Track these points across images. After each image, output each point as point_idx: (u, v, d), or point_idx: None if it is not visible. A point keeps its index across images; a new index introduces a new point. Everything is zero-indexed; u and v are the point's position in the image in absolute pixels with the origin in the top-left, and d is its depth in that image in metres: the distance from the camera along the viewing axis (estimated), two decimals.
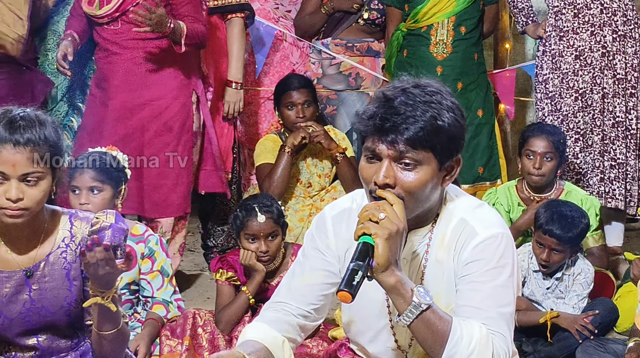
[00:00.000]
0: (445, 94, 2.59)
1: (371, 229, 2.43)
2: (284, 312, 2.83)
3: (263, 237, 4.25)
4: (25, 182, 2.77)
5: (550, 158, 4.92)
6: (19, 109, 2.83)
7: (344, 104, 5.91)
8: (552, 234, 4.36)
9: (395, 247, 2.44)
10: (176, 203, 5.09)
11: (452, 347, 2.49)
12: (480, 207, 2.74)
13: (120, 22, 4.91)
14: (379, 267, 2.44)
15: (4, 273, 2.88)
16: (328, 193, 5.36)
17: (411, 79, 2.65)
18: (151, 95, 4.97)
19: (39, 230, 2.91)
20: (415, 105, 2.52)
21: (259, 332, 2.76)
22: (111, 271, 2.78)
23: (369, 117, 2.56)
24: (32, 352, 2.96)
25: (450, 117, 2.55)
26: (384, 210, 2.45)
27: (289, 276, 2.91)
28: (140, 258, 4.25)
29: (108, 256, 2.75)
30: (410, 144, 2.51)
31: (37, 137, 2.76)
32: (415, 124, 2.50)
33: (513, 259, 2.66)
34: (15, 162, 2.74)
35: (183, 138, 5.07)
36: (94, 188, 4.12)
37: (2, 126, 2.75)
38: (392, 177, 2.53)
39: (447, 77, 5.50)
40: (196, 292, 5.41)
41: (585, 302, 4.49)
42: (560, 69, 5.43)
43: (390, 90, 2.59)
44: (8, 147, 2.73)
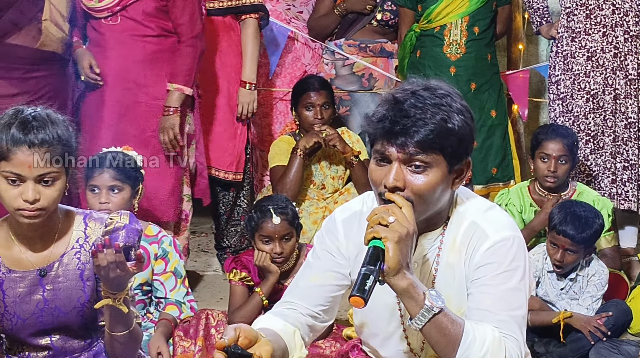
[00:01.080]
0: (454, 97, 2.58)
1: (381, 233, 2.43)
2: (292, 310, 2.83)
3: (278, 238, 4.26)
4: (41, 183, 2.78)
5: (565, 161, 4.92)
6: (29, 108, 2.83)
7: (357, 104, 5.91)
8: (565, 234, 4.36)
9: (405, 250, 2.44)
10: (173, 208, 5.02)
11: (465, 350, 2.49)
12: (491, 210, 2.73)
13: (119, 16, 4.83)
14: (390, 271, 2.43)
15: (18, 273, 2.90)
16: (341, 195, 5.36)
17: (421, 81, 2.64)
18: (147, 95, 4.88)
19: (53, 230, 2.93)
20: (424, 107, 2.51)
21: (270, 322, 2.75)
22: (122, 274, 2.79)
23: (379, 120, 2.55)
24: (45, 351, 2.97)
25: (460, 120, 2.54)
26: (393, 213, 2.44)
27: (299, 277, 2.91)
28: (153, 259, 4.27)
29: (119, 258, 2.76)
30: (420, 147, 2.50)
31: (51, 137, 2.78)
32: (425, 126, 2.49)
33: (524, 262, 2.65)
34: (31, 163, 2.75)
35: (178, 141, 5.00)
36: (114, 188, 4.15)
37: (15, 127, 2.76)
38: (402, 180, 2.53)
39: (460, 78, 5.51)
40: (209, 293, 5.41)
41: (599, 303, 4.49)
42: (572, 70, 5.42)
43: (400, 92, 2.58)
44: (23, 148, 2.74)
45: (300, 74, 5.95)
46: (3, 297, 2.89)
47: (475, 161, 5.47)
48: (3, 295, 2.89)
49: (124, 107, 4.87)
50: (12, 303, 2.89)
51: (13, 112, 2.83)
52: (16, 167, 2.75)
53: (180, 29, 4.90)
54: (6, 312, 2.90)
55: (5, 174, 2.77)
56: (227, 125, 5.51)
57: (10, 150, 2.74)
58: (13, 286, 2.89)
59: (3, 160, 2.76)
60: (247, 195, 5.82)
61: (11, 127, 2.76)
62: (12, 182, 2.77)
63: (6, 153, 2.75)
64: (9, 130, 2.76)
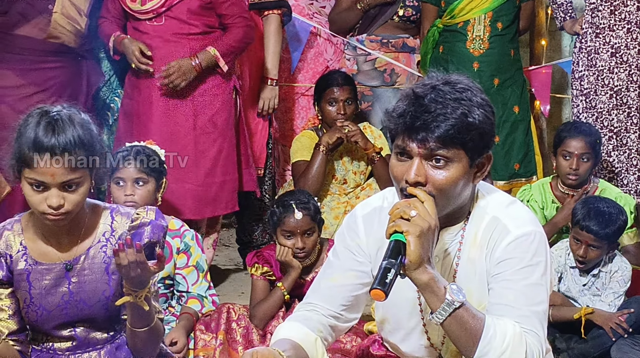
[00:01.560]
0: (475, 91, 2.58)
1: (402, 227, 2.43)
2: (314, 312, 2.84)
3: (300, 233, 4.26)
4: (65, 188, 2.78)
5: (587, 159, 4.90)
6: (53, 110, 2.81)
7: (379, 100, 5.91)
8: (589, 230, 4.35)
9: (427, 244, 2.44)
10: (225, 201, 5.08)
11: (485, 345, 2.49)
12: (513, 205, 2.72)
13: (164, 17, 4.86)
14: (411, 265, 2.44)
15: (44, 266, 2.92)
16: (363, 190, 5.36)
17: (441, 75, 2.63)
18: (194, 91, 4.91)
19: (80, 224, 2.94)
20: (445, 102, 2.51)
21: (291, 330, 2.76)
22: (143, 273, 2.80)
23: (399, 115, 2.55)
24: (69, 342, 2.99)
25: (481, 114, 2.54)
26: (415, 207, 2.45)
27: (320, 276, 2.91)
28: (175, 253, 4.28)
29: (140, 258, 2.77)
30: (441, 142, 2.50)
31: (74, 143, 2.76)
32: (446, 121, 2.49)
33: (546, 257, 2.65)
34: (54, 172, 2.75)
35: (228, 134, 5.06)
36: (139, 180, 4.18)
37: (37, 133, 2.75)
38: (423, 175, 2.52)
39: (483, 73, 5.51)
40: (230, 287, 5.43)
41: (621, 299, 4.47)
42: (596, 66, 5.40)
43: (420, 87, 2.57)
44: (45, 157, 2.74)
45: (322, 70, 5.95)
46: (29, 288, 2.91)
47: (497, 157, 5.46)
48: (29, 287, 2.91)
49: (172, 105, 4.90)
50: (37, 295, 2.91)
51: (37, 114, 2.81)
52: (39, 175, 2.75)
53: (229, 19, 4.95)
54: (32, 303, 2.91)
55: (29, 181, 2.78)
56: (249, 121, 5.52)
57: (33, 159, 2.74)
58: (39, 278, 2.91)
59: (27, 167, 2.77)
60: (269, 189, 5.83)
61: (34, 133, 2.75)
62: (36, 188, 2.78)
63: (29, 161, 2.75)
64: (32, 137, 2.75)
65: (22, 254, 2.92)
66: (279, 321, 4.19)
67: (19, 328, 2.95)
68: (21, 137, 2.78)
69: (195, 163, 4.90)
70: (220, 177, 5.02)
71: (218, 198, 5.03)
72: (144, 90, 4.92)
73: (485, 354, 2.50)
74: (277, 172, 5.98)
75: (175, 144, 4.77)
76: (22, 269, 2.91)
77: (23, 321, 2.96)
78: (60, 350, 2.99)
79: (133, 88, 4.99)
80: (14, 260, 2.92)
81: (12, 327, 2.93)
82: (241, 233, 5.87)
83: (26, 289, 2.91)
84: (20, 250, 2.92)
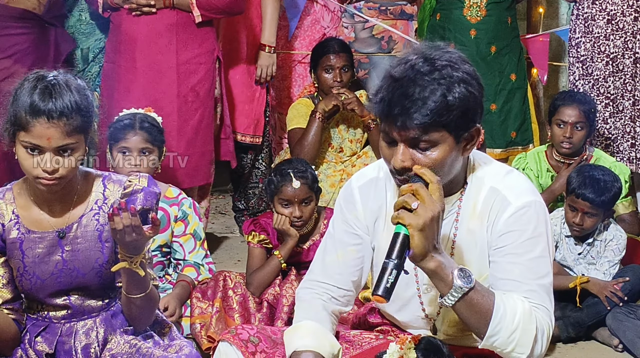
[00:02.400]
0: (457, 64, 2.50)
1: (405, 220, 2.40)
2: (326, 296, 2.86)
3: (297, 202, 4.27)
4: (60, 152, 2.78)
5: (581, 127, 4.91)
6: (50, 74, 2.82)
7: (375, 67, 5.89)
8: (585, 198, 4.35)
9: (431, 234, 2.41)
10: (204, 171, 5.08)
11: (496, 324, 2.50)
12: (510, 174, 2.72)
13: None
14: (416, 256, 2.43)
15: (37, 234, 2.91)
16: (359, 158, 5.36)
17: (423, 47, 2.57)
18: (178, 59, 4.88)
19: (72, 192, 2.94)
20: (423, 84, 2.44)
21: (316, 339, 2.75)
22: (138, 237, 2.80)
23: (379, 101, 2.51)
24: (64, 311, 2.99)
25: (462, 91, 2.46)
26: (418, 195, 2.41)
27: (322, 251, 2.92)
28: (173, 221, 4.28)
29: (135, 222, 2.77)
30: (422, 129, 2.45)
31: (70, 108, 2.76)
32: (425, 106, 2.43)
33: (547, 226, 2.65)
34: (50, 135, 2.74)
35: (209, 104, 5.04)
36: (145, 150, 4.16)
37: (34, 97, 2.75)
38: (409, 160, 2.49)
39: (480, 41, 5.49)
40: (226, 255, 5.44)
41: (616, 268, 4.48)
42: (592, 32, 5.39)
43: (399, 67, 2.52)
44: (42, 121, 2.73)
45: (319, 37, 5.93)
46: (22, 257, 2.91)
47: (494, 125, 5.47)
48: (22, 255, 2.91)
49: (157, 72, 4.87)
50: (31, 264, 2.91)
51: (33, 79, 2.81)
52: (35, 139, 2.75)
53: None
54: (25, 271, 2.92)
55: (24, 144, 2.77)
56: (246, 88, 5.51)
57: (29, 122, 2.74)
58: (32, 246, 2.91)
59: (22, 131, 2.76)
60: (266, 157, 5.83)
61: (31, 97, 2.75)
62: (31, 151, 2.77)
63: (25, 124, 2.75)
64: (28, 100, 2.75)
65: (15, 223, 2.92)
66: (275, 289, 4.21)
67: (13, 297, 2.96)
68: (17, 101, 2.78)
69: (177, 131, 4.87)
70: (200, 147, 5.00)
71: (197, 169, 5.02)
72: (127, 54, 4.87)
73: (496, 333, 2.51)
74: (273, 140, 5.97)
75: (159, 110, 4.74)
76: (15, 238, 2.91)
77: (17, 290, 2.97)
78: (55, 318, 2.99)
79: (115, 52, 4.93)
80: (6, 229, 2.92)
81: (7, 296, 2.94)
82: (237, 201, 5.87)
83: (19, 258, 2.91)
84: (12, 218, 2.92)
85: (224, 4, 4.90)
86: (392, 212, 2.49)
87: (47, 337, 2.98)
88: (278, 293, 4.19)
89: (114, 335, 3.00)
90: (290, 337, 2.78)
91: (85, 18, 5.15)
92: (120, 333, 3.00)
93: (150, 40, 4.84)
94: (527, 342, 2.54)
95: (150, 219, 2.84)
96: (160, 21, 4.83)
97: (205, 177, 5.11)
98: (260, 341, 2.85)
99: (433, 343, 2.64)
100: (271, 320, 4.15)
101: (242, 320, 4.10)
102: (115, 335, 3.00)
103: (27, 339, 2.97)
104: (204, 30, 4.95)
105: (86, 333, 2.99)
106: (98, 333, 2.99)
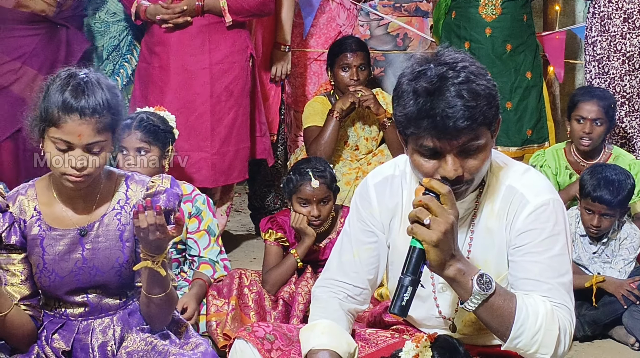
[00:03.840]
0: (469, 62, 2.49)
1: (418, 235, 2.39)
2: (342, 294, 2.86)
3: (315, 201, 4.26)
4: (89, 150, 2.80)
5: (600, 123, 4.90)
6: (81, 72, 2.83)
7: (391, 65, 5.89)
8: (601, 200, 4.34)
9: (447, 246, 2.40)
10: (238, 169, 5.11)
11: (519, 327, 2.50)
12: (528, 172, 2.71)
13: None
14: (433, 268, 2.44)
15: (59, 231, 2.92)
16: (375, 156, 5.36)
17: (429, 57, 2.52)
18: (211, 59, 4.92)
19: (96, 191, 2.95)
20: (459, 90, 2.41)
21: (333, 338, 2.75)
22: (162, 236, 2.80)
23: (420, 117, 2.43)
24: (81, 308, 3.00)
25: (484, 83, 2.47)
26: (430, 209, 2.39)
27: (338, 250, 2.92)
28: (187, 217, 4.29)
29: (159, 221, 2.77)
30: (471, 131, 2.43)
31: (102, 105, 2.78)
32: (469, 109, 2.40)
33: (565, 224, 2.64)
34: (81, 132, 2.76)
35: (244, 102, 5.07)
36: (141, 149, 4.15)
37: (66, 93, 2.76)
38: (460, 168, 2.48)
39: (496, 39, 5.47)
40: (242, 253, 5.45)
41: (632, 266, 4.48)
42: (609, 31, 5.38)
43: (425, 81, 2.44)
44: (74, 117, 2.75)
45: (335, 35, 5.92)
46: (42, 253, 2.92)
47: (510, 123, 5.45)
48: (43, 252, 2.92)
49: (190, 73, 4.91)
50: (51, 261, 2.92)
51: (65, 76, 2.83)
52: (66, 135, 2.77)
53: None
54: (45, 268, 2.92)
55: (54, 140, 2.79)
56: (261, 86, 5.52)
57: (61, 118, 2.75)
58: (53, 244, 2.92)
59: (53, 126, 2.78)
60: (281, 155, 5.84)
61: (63, 93, 2.77)
62: (60, 148, 2.79)
63: (57, 120, 2.76)
64: (60, 97, 2.76)
65: (36, 219, 2.93)
66: (290, 287, 4.21)
67: (31, 294, 2.97)
68: (49, 97, 2.79)
69: (211, 131, 4.91)
70: (234, 145, 5.03)
71: (232, 167, 5.05)
72: (161, 55, 4.92)
73: (519, 335, 2.51)
74: (289, 138, 5.97)
75: (192, 111, 4.78)
76: (36, 234, 2.92)
77: (35, 286, 2.98)
78: (72, 315, 3.00)
79: (150, 53, 4.98)
80: (28, 225, 2.93)
81: (25, 292, 2.95)
82: (253, 199, 5.88)
83: (39, 255, 2.92)
84: (34, 215, 2.93)
85: (254, 6, 4.95)
86: (408, 209, 2.49)
87: (64, 335, 2.99)
88: (294, 291, 4.19)
89: (130, 333, 3.00)
90: (307, 335, 2.78)
91: (100, 16, 5.16)
92: (136, 331, 3.01)
93: (183, 42, 4.90)
94: (550, 342, 2.53)
95: (172, 219, 2.84)
96: (192, 23, 4.88)
97: (240, 174, 5.15)
98: (276, 339, 2.85)
99: (449, 341, 2.63)
100: (287, 318, 4.15)
101: (257, 317, 4.11)
102: (131, 333, 3.00)
103: (44, 336, 2.98)
104: (236, 29, 4.98)
105: (103, 331, 2.99)
106: (115, 332, 3.00)
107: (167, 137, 4.27)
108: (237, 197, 6.58)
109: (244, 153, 5.11)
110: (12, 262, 2.94)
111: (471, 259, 2.62)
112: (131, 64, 5.22)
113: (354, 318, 2.93)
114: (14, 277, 2.94)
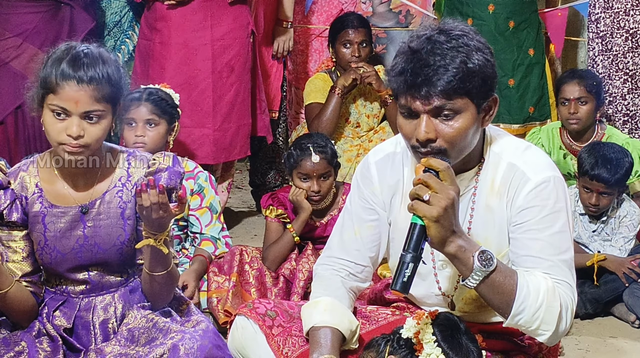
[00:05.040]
0: (471, 34, 2.53)
1: (419, 211, 2.40)
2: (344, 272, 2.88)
3: (316, 177, 4.26)
4: (86, 119, 2.79)
5: (585, 101, 4.89)
6: (82, 45, 2.84)
7: (393, 42, 5.87)
8: (600, 179, 4.34)
9: (448, 222, 2.41)
10: (240, 145, 5.11)
11: (520, 303, 2.51)
12: (528, 149, 2.71)
13: None
14: (435, 244, 2.44)
15: (60, 209, 2.92)
16: (376, 133, 5.35)
17: (434, 24, 2.59)
18: (212, 35, 4.90)
19: (97, 167, 2.94)
20: (443, 53, 2.46)
21: (334, 316, 2.77)
22: (164, 215, 2.80)
23: (399, 73, 2.50)
24: (82, 285, 3.00)
25: (480, 58, 2.49)
26: (429, 186, 2.41)
27: (340, 228, 2.93)
28: (189, 194, 4.29)
29: (162, 199, 2.77)
30: (446, 95, 2.46)
31: (100, 75, 2.78)
32: (447, 72, 2.44)
33: (566, 201, 2.65)
34: (78, 99, 2.76)
35: (245, 78, 5.06)
36: (151, 122, 4.17)
37: (66, 62, 2.77)
38: (433, 131, 2.49)
39: (498, 16, 5.45)
40: (243, 229, 5.45)
41: (632, 243, 4.49)
42: (612, 8, 5.36)
43: (415, 41, 2.52)
44: (72, 83, 2.75)
45: (336, 12, 5.90)
46: (44, 230, 2.92)
47: (512, 100, 5.45)
48: (44, 229, 2.92)
49: (191, 50, 4.89)
50: (52, 238, 2.92)
51: (65, 47, 2.84)
52: (63, 101, 2.76)
53: None
54: (46, 245, 2.92)
55: (52, 107, 2.79)
56: (263, 63, 5.50)
57: (58, 84, 2.76)
58: (54, 221, 2.92)
59: (51, 93, 2.78)
60: (282, 132, 5.83)
61: (62, 62, 2.78)
62: (57, 116, 2.78)
63: (54, 87, 2.77)
64: (59, 65, 2.77)
65: (38, 196, 2.93)
66: (291, 263, 4.22)
67: (33, 270, 2.97)
68: (48, 65, 2.81)
69: (213, 107, 4.90)
70: (236, 122, 5.02)
71: (233, 144, 5.04)
72: (162, 31, 4.90)
73: (521, 312, 2.52)
74: (290, 114, 5.96)
75: (193, 88, 4.77)
76: (37, 211, 2.92)
77: (37, 263, 2.98)
78: (74, 292, 3.00)
79: (151, 29, 4.96)
80: (29, 202, 2.93)
81: (26, 269, 2.95)
82: (254, 176, 5.88)
83: (41, 231, 2.92)
84: (35, 192, 2.93)
85: None
86: (409, 187, 2.49)
87: (65, 312, 2.99)
88: (294, 267, 4.20)
89: (131, 310, 3.00)
90: (309, 312, 2.79)
91: None
92: (137, 308, 3.01)
93: (185, 18, 4.87)
94: (551, 319, 2.54)
95: (174, 198, 2.84)
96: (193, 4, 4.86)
97: (241, 151, 5.14)
98: (277, 315, 2.86)
99: (450, 318, 2.64)
100: (287, 294, 4.16)
101: (258, 294, 4.11)
102: (132, 310, 3.00)
103: (45, 313, 2.98)
104: (237, 5, 4.96)
105: (104, 309, 3.00)
106: (116, 309, 3.01)
107: (174, 113, 4.29)
108: (238, 174, 6.58)
109: (245, 130, 5.10)
110: (13, 239, 2.94)
111: (472, 236, 2.63)
112: (132, 40, 5.21)
113: (355, 296, 2.93)
114: (16, 253, 2.94)
